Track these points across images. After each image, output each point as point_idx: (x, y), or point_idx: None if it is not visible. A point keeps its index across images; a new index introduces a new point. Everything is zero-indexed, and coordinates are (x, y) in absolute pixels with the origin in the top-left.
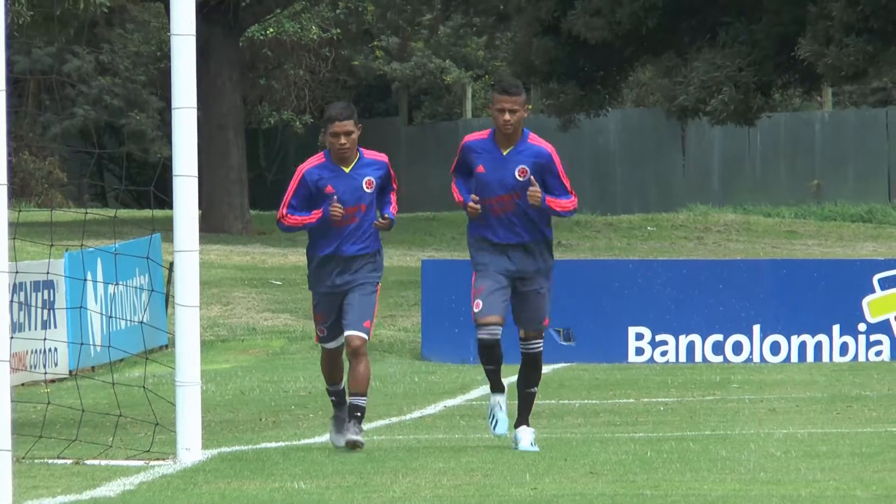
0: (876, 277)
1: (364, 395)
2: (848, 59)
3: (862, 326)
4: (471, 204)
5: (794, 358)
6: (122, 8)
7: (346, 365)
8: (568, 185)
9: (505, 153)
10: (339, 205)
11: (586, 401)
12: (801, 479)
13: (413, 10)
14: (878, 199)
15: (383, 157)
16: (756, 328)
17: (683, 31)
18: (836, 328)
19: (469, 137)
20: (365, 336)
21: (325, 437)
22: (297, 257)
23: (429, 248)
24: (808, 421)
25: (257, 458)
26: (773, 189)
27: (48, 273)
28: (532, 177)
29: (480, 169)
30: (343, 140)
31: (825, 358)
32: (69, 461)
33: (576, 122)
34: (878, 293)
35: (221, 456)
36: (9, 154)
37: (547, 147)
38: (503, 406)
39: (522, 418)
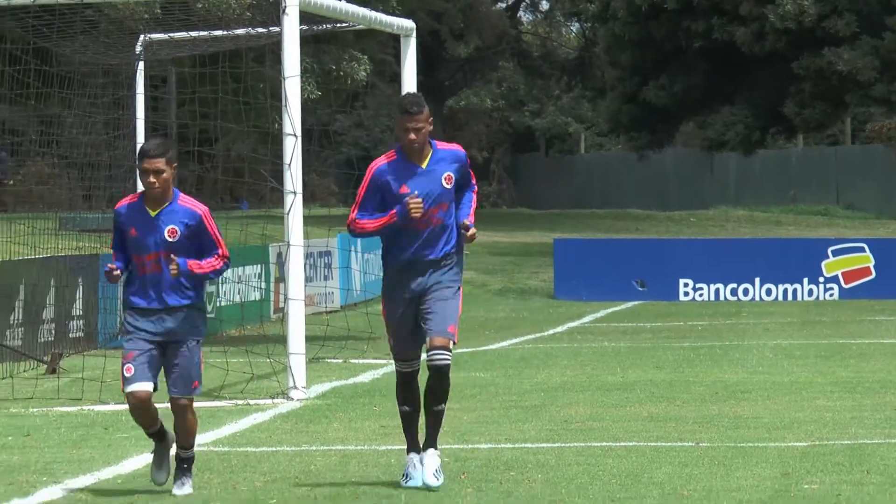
0: (829, 249)
1: (192, 446)
2: (814, 117)
3: (821, 279)
4: (414, 199)
5: (780, 298)
6: (373, 84)
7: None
8: (473, 177)
9: (425, 166)
10: (118, 273)
11: (653, 324)
12: (784, 371)
13: (547, 86)
14: (830, 202)
15: (199, 209)
16: (757, 280)
17: (712, 98)
18: (805, 280)
19: (375, 164)
20: (191, 397)
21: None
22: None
23: (557, 231)
24: (789, 336)
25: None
26: (766, 196)
27: (327, 246)
28: (465, 221)
29: (405, 189)
30: (152, 179)
31: (799, 298)
32: (339, 360)
33: (647, 156)
34: (831, 259)
35: None
36: (302, 174)
37: (460, 148)
38: (417, 465)
39: (430, 440)
